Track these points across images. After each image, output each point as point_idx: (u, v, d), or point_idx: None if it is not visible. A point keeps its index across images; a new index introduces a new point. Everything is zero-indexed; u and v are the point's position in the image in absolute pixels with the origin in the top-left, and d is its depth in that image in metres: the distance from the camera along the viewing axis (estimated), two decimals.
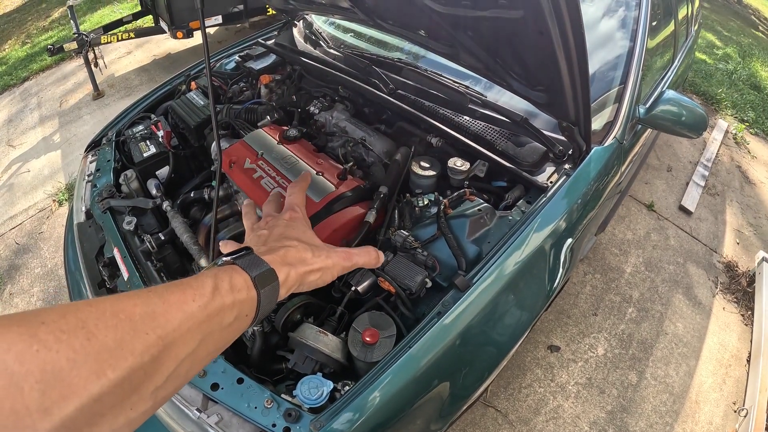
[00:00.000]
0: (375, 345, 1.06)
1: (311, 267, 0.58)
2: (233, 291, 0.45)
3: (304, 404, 0.99)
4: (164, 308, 0.38)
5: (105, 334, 0.32)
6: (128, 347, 0.33)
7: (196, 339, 0.40)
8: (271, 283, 0.50)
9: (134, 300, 0.36)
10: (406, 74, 1.74)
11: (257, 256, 0.52)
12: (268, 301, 0.50)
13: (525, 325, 1.27)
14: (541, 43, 0.97)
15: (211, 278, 0.44)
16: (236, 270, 0.48)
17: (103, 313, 0.33)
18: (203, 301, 0.42)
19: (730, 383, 2.23)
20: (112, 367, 0.32)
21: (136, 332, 0.34)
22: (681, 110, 1.65)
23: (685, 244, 2.93)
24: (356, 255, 0.67)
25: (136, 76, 4.69)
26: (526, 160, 1.40)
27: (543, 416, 1.99)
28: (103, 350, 0.31)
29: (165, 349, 0.36)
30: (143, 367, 0.34)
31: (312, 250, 0.60)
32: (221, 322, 0.43)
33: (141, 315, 0.35)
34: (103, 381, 0.31)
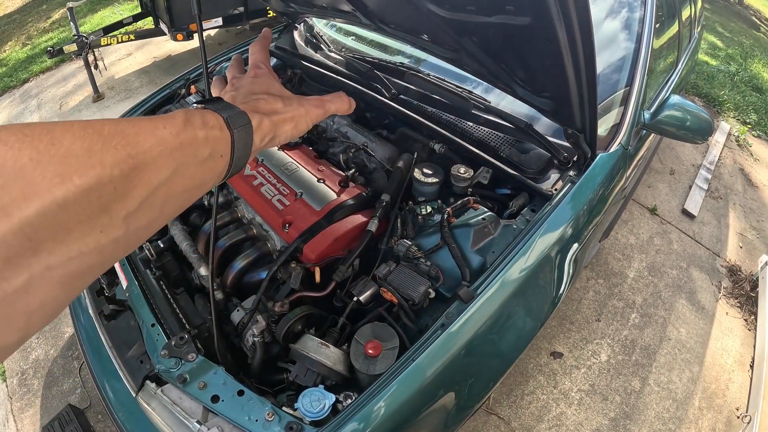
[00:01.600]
0: (378, 357, 1.04)
1: (284, 115, 0.57)
2: (205, 127, 0.44)
3: (305, 417, 0.97)
4: (134, 130, 0.36)
5: (72, 141, 0.30)
6: (97, 157, 0.31)
7: (170, 167, 0.38)
8: (243, 125, 0.49)
9: (103, 121, 0.35)
10: (408, 79, 1.72)
11: (228, 103, 0.51)
12: (243, 145, 0.49)
13: (530, 334, 1.25)
14: (548, 49, 0.96)
15: (182, 113, 0.43)
16: (208, 111, 0.47)
17: (71, 126, 0.31)
18: (175, 129, 0.40)
19: (733, 389, 2.22)
20: (79, 173, 0.30)
21: (105, 145, 0.32)
22: (686, 115, 1.63)
23: (688, 248, 2.92)
24: (328, 101, 0.66)
25: (136, 78, 4.67)
26: (530, 167, 1.39)
27: (546, 423, 1.97)
28: (70, 155, 0.29)
29: (136, 169, 0.34)
30: (113, 181, 0.32)
31: (282, 101, 0.59)
32: (195, 154, 0.42)
33: (110, 131, 0.34)
34: (68, 186, 0.29)
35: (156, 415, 1.08)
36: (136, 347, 1.22)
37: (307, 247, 1.24)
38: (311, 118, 0.62)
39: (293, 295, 1.21)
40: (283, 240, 1.32)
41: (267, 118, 0.54)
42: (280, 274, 1.26)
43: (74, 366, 2.10)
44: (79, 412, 1.86)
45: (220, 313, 1.33)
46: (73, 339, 2.21)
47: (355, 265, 1.27)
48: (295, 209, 1.32)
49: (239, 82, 0.65)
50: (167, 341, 1.15)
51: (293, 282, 1.20)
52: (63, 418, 1.81)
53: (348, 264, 1.22)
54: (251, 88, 0.62)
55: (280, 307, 1.17)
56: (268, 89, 0.62)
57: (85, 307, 1.42)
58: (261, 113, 0.54)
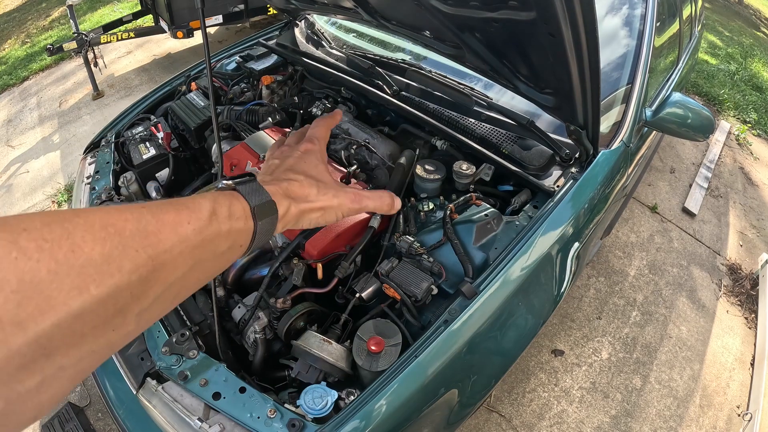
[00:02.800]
0: (380, 354, 1.03)
1: (313, 205, 0.55)
2: (231, 218, 0.43)
3: (308, 414, 0.97)
4: (157, 227, 0.35)
5: (92, 247, 0.29)
6: (116, 263, 0.31)
7: (188, 264, 0.38)
8: (269, 216, 0.48)
9: (125, 215, 0.33)
10: (410, 75, 1.71)
11: (259, 185, 0.50)
12: (264, 234, 0.48)
13: (532, 331, 1.25)
14: (552, 45, 0.95)
15: (210, 202, 0.42)
16: (236, 197, 0.46)
17: (92, 226, 0.30)
18: (199, 225, 0.39)
19: (734, 387, 2.22)
20: (97, 283, 0.29)
21: (126, 249, 0.32)
22: (687, 113, 1.63)
23: (688, 246, 2.92)
24: (367, 198, 0.62)
25: (136, 76, 4.66)
26: (532, 163, 1.38)
27: (547, 421, 1.97)
28: (89, 264, 0.29)
29: (155, 271, 0.34)
30: (130, 287, 0.32)
31: (318, 187, 0.57)
32: (215, 249, 0.41)
33: (132, 231, 0.33)
34: (85, 297, 0.28)
35: (157, 412, 1.07)
36: (137, 344, 1.22)
37: (309, 243, 1.23)
38: (342, 211, 0.60)
39: (295, 292, 1.20)
40: (284, 236, 1.31)
41: (295, 205, 0.53)
42: (281, 270, 1.26)
43: None
44: (78, 410, 1.85)
45: (222, 310, 1.32)
46: None
47: (358, 261, 1.27)
48: None
49: (288, 152, 0.63)
50: (168, 338, 1.15)
51: (295, 278, 1.20)
52: (62, 416, 1.80)
53: (350, 260, 1.21)
54: (294, 164, 0.60)
55: (282, 304, 1.17)
56: (310, 171, 0.59)
57: None
58: (291, 198, 0.53)
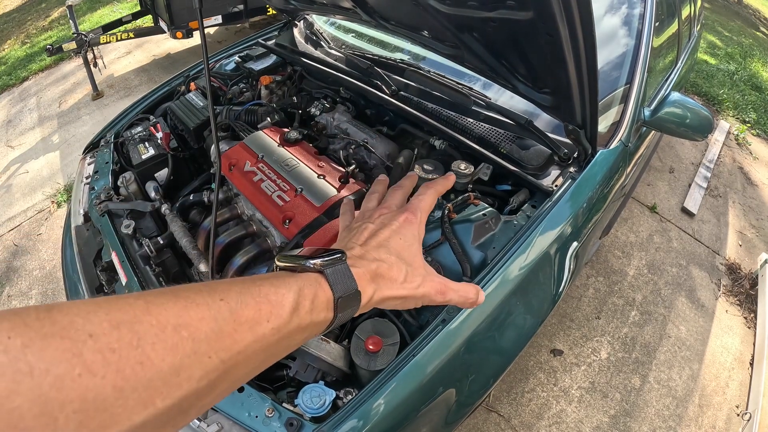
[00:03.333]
0: (378, 353, 1.04)
1: (397, 293, 0.51)
2: (312, 312, 0.40)
3: (306, 413, 0.97)
4: (234, 327, 0.33)
5: (162, 357, 0.28)
6: (186, 373, 0.29)
7: (260, 360, 0.36)
8: (351, 308, 0.45)
9: (202, 312, 0.31)
10: (408, 75, 1.72)
11: (347, 268, 0.45)
12: (339, 323, 0.45)
13: (531, 330, 1.25)
14: (549, 45, 0.95)
15: (294, 294, 0.39)
16: (321, 285, 0.42)
17: (164, 329, 0.29)
18: (279, 323, 0.36)
19: (733, 387, 2.22)
20: (164, 396, 0.28)
21: (198, 355, 0.30)
22: (686, 112, 1.63)
23: (687, 246, 2.92)
24: (453, 291, 0.56)
25: (135, 77, 4.66)
26: (530, 163, 1.38)
27: (546, 421, 1.97)
28: (157, 377, 0.27)
29: (225, 373, 0.32)
30: (198, 392, 0.30)
31: (407, 273, 0.52)
32: (289, 344, 0.39)
33: (207, 334, 0.31)
34: (150, 410, 0.27)
35: None
36: None
37: (307, 242, 1.23)
38: (423, 301, 0.54)
39: None
40: (283, 236, 1.31)
41: (378, 291, 0.48)
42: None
43: None
44: None
45: None
46: None
47: None
48: (295, 205, 1.31)
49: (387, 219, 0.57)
50: None
51: None
52: None
53: None
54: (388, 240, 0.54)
55: None
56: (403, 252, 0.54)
57: None
58: (376, 283, 0.48)
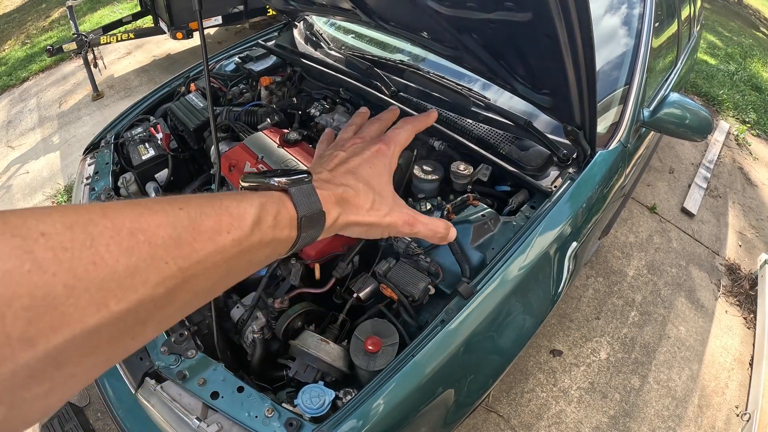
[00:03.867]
0: (377, 353, 1.04)
1: (362, 219, 0.50)
2: (275, 228, 0.39)
3: (305, 413, 0.97)
4: (193, 236, 0.32)
5: (116, 258, 0.27)
6: (141, 277, 0.28)
7: (221, 274, 0.35)
8: (315, 228, 0.44)
9: (159, 218, 0.30)
10: (408, 76, 1.72)
11: (313, 189, 0.45)
12: (304, 242, 0.44)
13: (530, 331, 1.25)
14: (547, 46, 0.96)
15: (256, 208, 0.38)
16: (284, 202, 0.42)
17: (119, 232, 0.27)
18: (240, 235, 0.36)
19: (732, 387, 2.22)
20: (118, 298, 0.27)
21: (154, 260, 0.29)
22: (685, 113, 1.63)
23: (687, 246, 2.92)
24: (421, 223, 0.56)
25: (135, 77, 4.67)
26: (530, 164, 1.39)
27: (545, 421, 1.98)
28: (111, 278, 0.26)
29: (184, 282, 0.31)
30: (155, 299, 0.29)
31: (374, 201, 0.52)
32: (251, 259, 0.38)
33: (164, 240, 0.30)
34: (104, 313, 0.26)
35: (155, 411, 1.08)
36: None
37: None
38: (390, 231, 0.54)
39: (293, 292, 1.21)
40: None
41: (344, 215, 0.48)
42: (280, 270, 1.26)
43: None
44: (78, 410, 1.86)
45: (220, 310, 1.33)
46: None
47: (355, 261, 1.27)
48: None
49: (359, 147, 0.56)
50: (167, 338, 1.15)
51: (293, 278, 1.20)
52: (62, 416, 1.80)
53: (348, 260, 1.22)
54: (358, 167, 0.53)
55: (279, 304, 1.17)
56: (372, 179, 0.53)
57: None
58: (342, 207, 0.48)
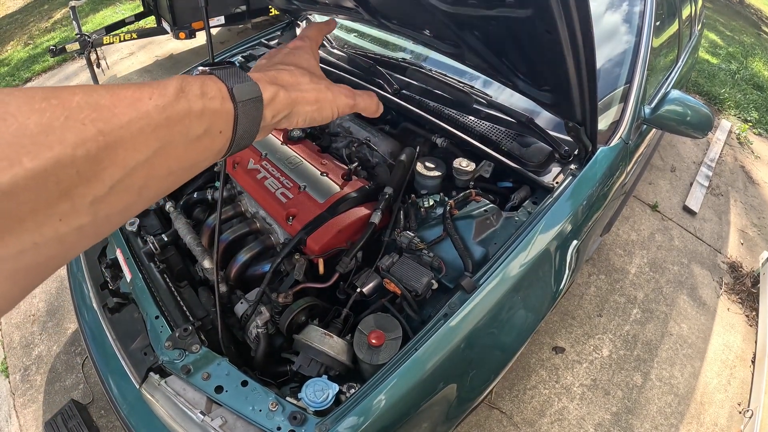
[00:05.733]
0: (381, 347, 1.05)
1: (306, 94, 0.48)
2: (203, 97, 0.37)
3: (309, 407, 0.98)
4: (111, 101, 0.30)
5: (28, 116, 0.26)
6: (56, 135, 0.26)
7: (151, 146, 0.32)
8: (252, 98, 0.41)
9: (74, 89, 0.29)
10: (410, 74, 1.73)
11: (239, 69, 0.43)
12: (249, 121, 0.41)
13: (531, 326, 1.26)
14: (548, 42, 0.96)
15: (177, 80, 0.36)
16: (210, 78, 0.40)
17: (32, 97, 0.27)
18: (163, 101, 0.33)
19: (735, 384, 2.22)
20: (32, 155, 0.25)
21: (69, 120, 0.27)
22: (686, 110, 1.64)
23: (689, 244, 2.92)
24: (359, 95, 0.57)
25: (138, 77, 4.68)
26: (531, 160, 1.39)
27: (548, 418, 1.98)
28: (22, 134, 0.25)
29: (107, 148, 0.29)
30: (75, 163, 0.27)
31: (311, 78, 0.51)
32: (186, 132, 0.35)
33: (79, 103, 0.28)
34: (17, 170, 0.24)
35: (160, 406, 1.09)
36: (140, 339, 1.23)
37: (310, 238, 1.24)
38: (338, 106, 0.53)
39: (297, 287, 1.22)
40: (286, 232, 1.33)
41: (285, 91, 0.46)
42: (283, 266, 1.27)
43: (77, 362, 2.11)
44: (81, 408, 1.87)
45: (224, 305, 1.34)
46: (75, 335, 2.22)
47: (359, 256, 1.28)
48: (298, 202, 1.33)
49: (275, 52, 0.56)
50: (171, 333, 1.16)
51: (297, 273, 1.21)
52: (66, 413, 1.81)
53: (351, 256, 1.23)
54: (283, 58, 0.54)
55: (283, 299, 1.18)
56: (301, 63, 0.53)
57: (89, 301, 1.43)
58: (279, 85, 0.46)
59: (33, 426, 1.93)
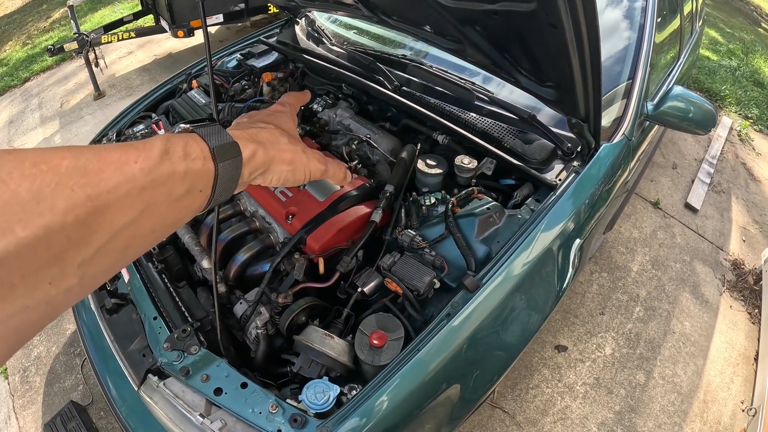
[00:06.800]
0: (383, 348, 1.03)
1: (283, 153, 0.51)
2: (186, 158, 0.38)
3: (310, 409, 0.96)
4: (98, 165, 0.31)
5: (19, 183, 0.26)
6: (47, 202, 0.27)
7: (137, 208, 0.33)
8: (232, 157, 0.43)
9: (63, 153, 0.30)
10: (411, 71, 1.71)
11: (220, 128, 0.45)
12: (228, 179, 0.43)
13: (535, 325, 1.24)
14: (552, 37, 0.95)
15: (162, 141, 0.38)
16: (193, 137, 0.41)
17: (22, 162, 0.27)
18: (148, 164, 0.35)
19: (738, 382, 2.21)
20: (23, 223, 0.25)
21: (59, 186, 0.28)
22: (689, 106, 1.62)
23: (691, 242, 2.91)
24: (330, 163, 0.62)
25: (137, 76, 4.66)
26: (534, 157, 1.38)
27: (551, 417, 1.97)
28: (14, 202, 0.25)
29: (96, 213, 0.30)
30: (65, 229, 0.28)
31: (288, 138, 0.53)
32: (169, 192, 0.37)
33: (68, 168, 0.29)
34: (9, 238, 0.25)
35: (158, 408, 1.07)
36: (139, 341, 1.21)
37: (310, 238, 1.23)
38: (311, 169, 0.56)
39: (297, 287, 1.20)
40: (286, 231, 1.31)
41: (263, 149, 0.48)
42: (283, 265, 1.25)
43: (76, 363, 2.10)
44: (81, 409, 1.86)
45: (223, 306, 1.32)
46: (74, 336, 2.21)
47: (359, 255, 1.26)
48: (298, 200, 1.31)
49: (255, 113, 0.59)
50: (170, 334, 1.14)
51: (297, 273, 1.19)
52: (65, 414, 1.80)
53: (352, 255, 1.21)
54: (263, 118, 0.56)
55: (283, 299, 1.16)
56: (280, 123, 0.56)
57: (87, 302, 1.41)
58: (258, 142, 0.48)
59: (32, 427, 1.92)
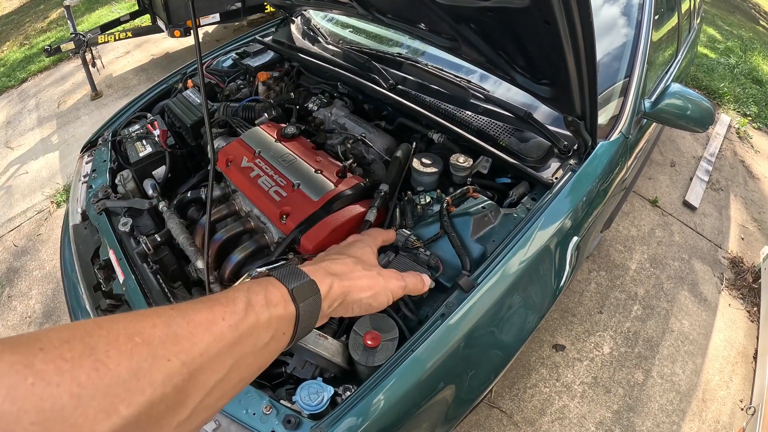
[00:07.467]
0: (377, 348, 1.02)
1: (358, 282, 0.52)
2: (269, 306, 0.40)
3: (304, 410, 0.96)
4: (189, 329, 0.32)
5: (117, 362, 0.27)
6: (146, 378, 0.28)
7: (227, 364, 0.35)
8: (311, 296, 0.45)
9: (153, 320, 0.31)
10: (406, 69, 1.70)
11: (295, 267, 0.47)
12: (308, 317, 0.44)
13: (532, 325, 1.24)
14: (547, 33, 0.94)
15: (244, 293, 0.39)
16: (272, 282, 0.43)
17: (116, 338, 0.28)
18: (234, 319, 0.36)
19: (737, 381, 2.20)
20: (126, 402, 0.26)
21: (156, 359, 0.29)
22: (687, 104, 1.61)
23: (689, 240, 2.90)
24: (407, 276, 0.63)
25: (134, 76, 4.65)
26: (530, 155, 1.37)
27: (549, 416, 1.96)
28: (115, 383, 0.26)
29: (190, 378, 0.31)
30: (164, 399, 0.29)
31: (362, 265, 0.54)
32: (255, 343, 0.38)
33: (161, 338, 0.30)
34: (114, 419, 0.26)
35: None
36: None
37: (304, 237, 1.22)
38: (391, 290, 0.57)
39: None
40: (280, 231, 1.30)
41: (338, 281, 0.49)
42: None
43: None
44: None
45: None
46: None
47: None
48: (292, 200, 1.30)
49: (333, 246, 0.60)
50: None
51: None
52: None
53: None
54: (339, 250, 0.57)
55: None
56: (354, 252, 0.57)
57: (83, 303, 1.41)
58: (333, 274, 0.49)
59: None
